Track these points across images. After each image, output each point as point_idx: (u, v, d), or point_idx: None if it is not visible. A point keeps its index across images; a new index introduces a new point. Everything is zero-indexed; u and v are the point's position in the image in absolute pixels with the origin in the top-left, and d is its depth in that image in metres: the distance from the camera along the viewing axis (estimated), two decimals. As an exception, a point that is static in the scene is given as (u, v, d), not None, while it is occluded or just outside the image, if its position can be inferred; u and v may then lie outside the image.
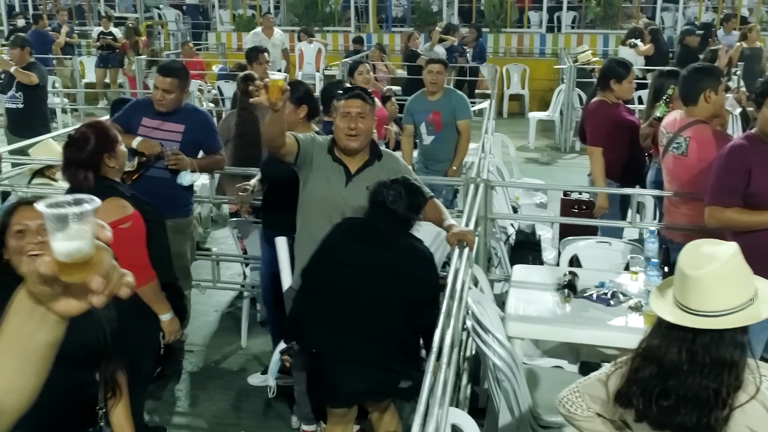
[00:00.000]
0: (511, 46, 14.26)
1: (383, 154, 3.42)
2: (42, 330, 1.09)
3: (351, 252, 3.00)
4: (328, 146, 3.35)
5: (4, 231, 2.24)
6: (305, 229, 3.41)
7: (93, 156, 3.21)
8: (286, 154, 3.28)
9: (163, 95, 4.16)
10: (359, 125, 3.24)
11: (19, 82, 7.25)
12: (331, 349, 2.91)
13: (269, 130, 3.16)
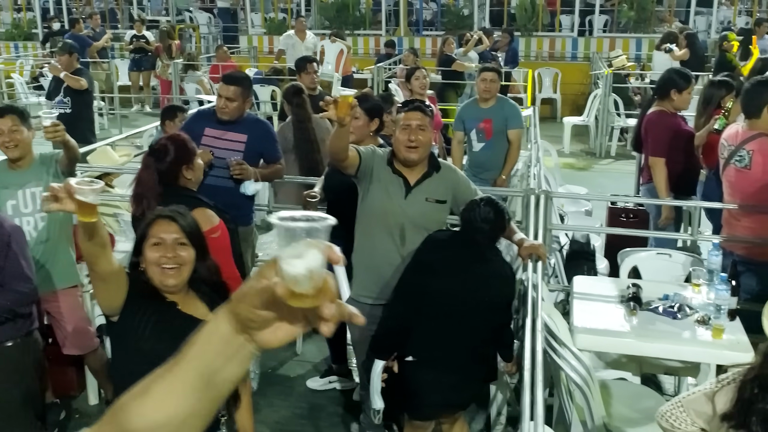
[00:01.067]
0: (543, 50, 14.23)
1: (442, 166, 3.45)
2: (233, 362, 0.98)
3: (448, 263, 3.05)
4: (388, 158, 3.39)
5: (143, 241, 2.34)
6: (365, 241, 3.45)
7: (172, 167, 3.30)
8: (348, 166, 3.33)
9: (226, 103, 4.21)
10: (419, 137, 3.28)
11: (66, 88, 7.38)
12: (428, 358, 2.97)
13: (335, 144, 3.22)
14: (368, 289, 3.44)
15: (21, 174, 3.65)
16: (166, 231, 2.33)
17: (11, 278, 2.98)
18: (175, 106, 6.25)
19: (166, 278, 2.30)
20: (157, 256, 2.30)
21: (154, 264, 2.30)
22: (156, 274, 2.30)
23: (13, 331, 3.03)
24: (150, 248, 2.32)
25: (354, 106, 3.13)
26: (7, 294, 2.97)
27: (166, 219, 2.35)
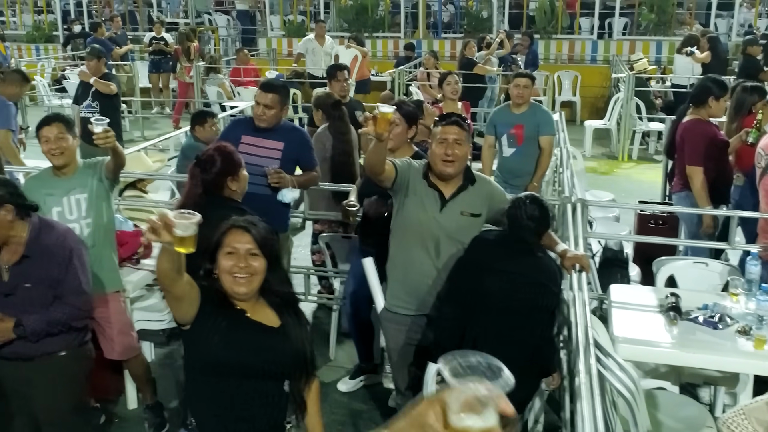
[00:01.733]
0: (562, 52, 14.20)
1: (477, 179, 3.46)
2: None
3: (499, 260, 3.08)
4: (423, 171, 3.41)
5: (217, 250, 2.40)
6: (400, 253, 3.48)
7: (217, 178, 3.34)
8: (384, 179, 3.37)
9: (264, 110, 4.26)
10: (456, 151, 3.30)
11: (95, 92, 7.45)
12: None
13: (372, 159, 3.26)
14: (403, 300, 3.48)
15: (66, 181, 3.70)
16: (239, 241, 2.38)
17: (69, 292, 3.02)
18: (205, 111, 6.30)
19: (238, 287, 2.36)
20: (230, 264, 2.35)
21: (226, 272, 2.36)
22: (228, 282, 2.36)
23: (66, 342, 3.07)
24: (224, 257, 2.37)
25: (393, 122, 3.16)
26: (64, 308, 3.02)
27: (240, 229, 2.41)
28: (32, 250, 3.02)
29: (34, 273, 3.00)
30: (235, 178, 3.38)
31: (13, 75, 6.62)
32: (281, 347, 2.38)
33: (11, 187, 3.05)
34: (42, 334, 2.96)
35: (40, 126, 3.70)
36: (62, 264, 3.02)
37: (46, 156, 3.71)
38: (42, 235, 3.05)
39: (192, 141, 6.03)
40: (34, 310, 2.98)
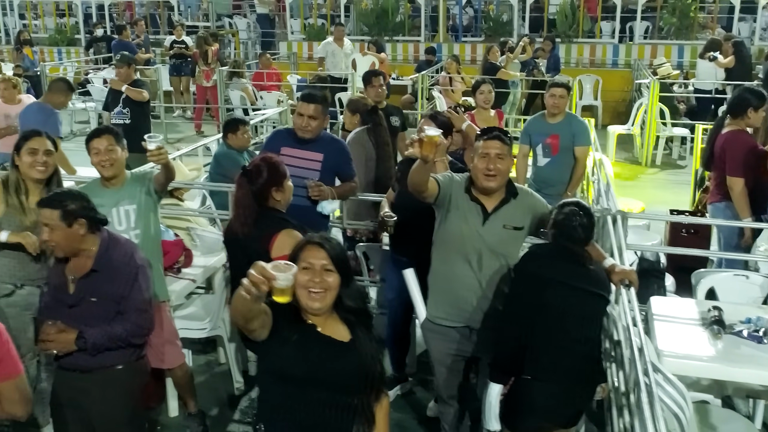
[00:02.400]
0: (583, 56, 14.18)
1: (519, 192, 3.48)
2: None
3: (556, 274, 3.09)
4: (465, 185, 3.44)
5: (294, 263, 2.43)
6: (443, 266, 3.50)
7: (263, 188, 3.38)
8: (428, 196, 3.40)
9: (308, 122, 4.30)
10: (498, 166, 3.32)
11: (125, 99, 7.52)
12: (544, 373, 3.04)
13: (416, 179, 3.30)
14: (446, 311, 3.51)
15: (115, 192, 3.76)
16: (315, 257, 2.43)
17: (132, 309, 3.05)
18: (237, 119, 6.35)
19: (312, 301, 2.41)
20: (306, 279, 2.40)
21: (302, 287, 2.40)
22: (303, 296, 2.41)
23: (124, 357, 3.10)
24: (299, 272, 2.40)
25: (439, 144, 3.19)
26: (126, 324, 3.04)
27: (316, 245, 2.46)
28: (100, 264, 3.05)
29: (100, 288, 3.04)
30: (279, 189, 3.42)
31: (59, 84, 6.70)
32: (350, 362, 2.43)
33: (84, 201, 3.07)
34: (102, 348, 3.00)
35: (90, 138, 3.76)
36: (128, 281, 3.05)
37: (96, 167, 3.77)
38: (110, 250, 3.09)
39: (225, 148, 6.09)
40: (96, 323, 3.01)
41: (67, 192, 3.13)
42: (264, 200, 3.42)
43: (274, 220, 3.38)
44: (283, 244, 3.26)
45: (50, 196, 3.09)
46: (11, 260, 3.66)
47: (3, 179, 3.69)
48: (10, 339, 2.44)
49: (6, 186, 3.65)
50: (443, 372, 3.58)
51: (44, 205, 3.05)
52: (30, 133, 3.78)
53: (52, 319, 3.03)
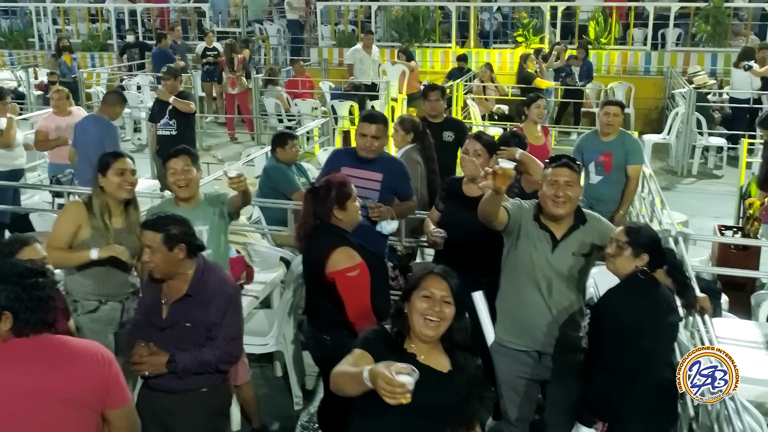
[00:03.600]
0: (615, 63, 14.14)
1: (588, 218, 3.50)
2: None
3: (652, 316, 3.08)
4: (534, 213, 3.48)
5: (413, 290, 2.59)
6: (512, 291, 3.56)
7: (325, 207, 3.51)
8: (497, 225, 3.47)
9: (372, 142, 4.38)
10: (567, 193, 3.36)
11: (171, 110, 7.66)
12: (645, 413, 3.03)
13: (487, 210, 3.38)
14: (515, 335, 3.56)
15: (188, 212, 3.81)
16: (437, 287, 2.56)
17: (223, 337, 3.11)
18: (285, 133, 6.41)
19: (427, 329, 2.53)
20: (425, 307, 2.53)
21: (419, 314, 2.53)
22: (419, 323, 2.54)
23: (210, 380, 3.17)
24: (419, 299, 2.55)
25: (512, 177, 3.25)
26: (216, 351, 3.10)
27: (439, 276, 2.59)
28: (195, 289, 3.12)
29: (193, 313, 3.10)
30: (342, 209, 3.50)
31: (113, 96, 6.85)
32: (447, 392, 2.49)
33: (186, 226, 3.16)
34: (191, 372, 3.07)
35: (168, 158, 3.86)
36: (221, 308, 3.11)
37: (172, 187, 3.86)
38: (205, 276, 3.15)
39: (274, 162, 6.16)
40: (186, 347, 3.08)
41: (171, 216, 3.20)
42: (326, 217, 3.53)
43: (333, 237, 3.48)
44: (338, 260, 3.40)
45: (154, 219, 3.17)
46: (96, 277, 3.77)
47: (85, 202, 3.78)
48: (120, 368, 2.52)
49: (89, 208, 3.74)
50: (510, 394, 3.63)
51: (148, 227, 3.13)
52: (115, 154, 3.89)
53: (143, 339, 3.12)
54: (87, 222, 3.71)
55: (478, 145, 4.19)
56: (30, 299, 2.34)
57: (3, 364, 2.34)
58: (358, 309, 3.42)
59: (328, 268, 3.42)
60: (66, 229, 3.72)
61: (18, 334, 2.36)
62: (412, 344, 2.58)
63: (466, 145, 4.26)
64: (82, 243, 3.69)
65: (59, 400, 2.35)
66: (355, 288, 3.41)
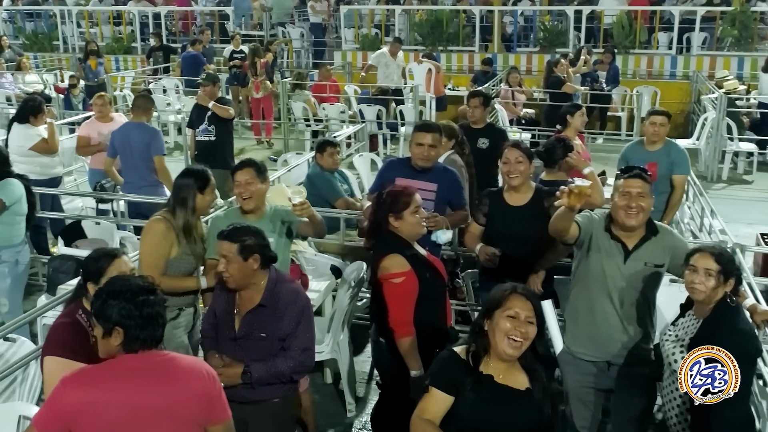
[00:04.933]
0: (640, 67, 14.12)
1: (659, 229, 3.53)
2: None
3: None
4: (605, 224, 3.51)
5: (495, 308, 2.62)
6: (583, 302, 3.60)
7: (382, 214, 3.58)
8: (569, 239, 3.52)
9: (428, 151, 4.43)
10: (640, 203, 3.39)
11: (210, 116, 7.70)
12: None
13: (560, 226, 3.44)
14: (585, 346, 3.60)
15: (253, 223, 3.87)
16: (522, 307, 2.60)
17: (297, 347, 3.16)
18: (326, 141, 6.46)
19: (510, 349, 2.57)
20: (509, 327, 2.57)
21: (503, 333, 2.57)
22: (502, 342, 2.57)
23: (282, 391, 3.22)
24: (503, 318, 2.59)
25: (587, 195, 3.30)
26: (289, 361, 3.15)
27: (523, 296, 2.63)
28: (268, 300, 3.17)
29: (267, 323, 3.14)
30: (398, 217, 3.54)
31: (142, 100, 6.87)
32: (526, 409, 2.53)
33: (260, 237, 3.22)
34: (264, 382, 3.11)
35: (234, 170, 3.92)
36: (294, 319, 3.16)
37: (237, 199, 3.92)
38: (278, 287, 3.20)
39: (317, 169, 6.21)
40: (259, 357, 3.12)
41: (246, 227, 3.26)
42: (385, 224, 3.59)
43: (387, 244, 3.56)
44: (386, 266, 3.48)
45: (230, 231, 3.22)
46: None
47: (164, 218, 3.83)
48: (221, 385, 2.57)
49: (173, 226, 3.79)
50: (577, 403, 3.66)
51: (224, 238, 3.18)
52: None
53: (215, 350, 3.17)
54: (175, 241, 3.77)
55: (518, 153, 4.23)
56: (141, 316, 2.40)
57: (114, 380, 2.39)
58: (397, 317, 3.47)
59: (379, 273, 3.51)
60: (161, 252, 3.76)
61: (128, 350, 2.42)
62: (490, 363, 2.60)
63: (505, 154, 4.27)
64: (169, 262, 3.76)
65: (168, 417, 2.40)
66: (396, 295, 3.46)
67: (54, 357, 2.79)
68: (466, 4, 16.21)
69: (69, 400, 2.35)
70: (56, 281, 5.06)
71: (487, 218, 4.33)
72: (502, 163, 4.23)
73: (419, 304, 3.47)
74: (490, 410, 2.50)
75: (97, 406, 2.33)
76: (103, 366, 2.45)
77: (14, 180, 4.99)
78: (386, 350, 3.55)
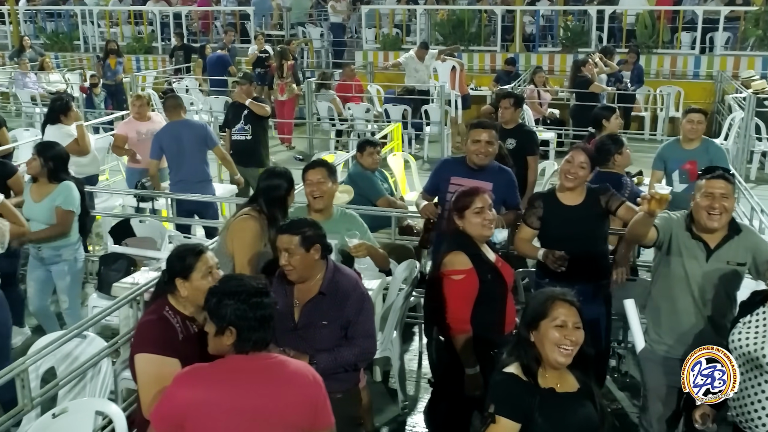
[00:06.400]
0: (664, 67, 14.10)
1: (742, 229, 3.55)
2: None
3: None
4: (686, 224, 3.55)
5: (540, 318, 2.58)
6: (665, 301, 3.64)
7: (449, 212, 3.68)
8: (648, 242, 3.59)
9: (486, 147, 4.46)
10: (723, 204, 3.41)
11: (246, 116, 7.75)
12: None
13: (639, 231, 3.51)
14: (667, 344, 3.65)
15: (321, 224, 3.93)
16: (568, 314, 2.56)
17: (361, 335, 3.20)
18: (367, 141, 6.48)
19: (562, 357, 2.53)
20: (559, 337, 2.53)
21: (553, 343, 2.52)
22: (553, 352, 2.53)
23: (345, 385, 3.25)
24: (552, 328, 2.54)
25: (668, 201, 3.36)
26: (354, 349, 3.19)
27: (568, 303, 2.58)
28: (328, 288, 3.21)
29: (329, 312, 3.18)
30: (460, 217, 3.58)
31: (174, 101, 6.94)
32: (586, 408, 2.56)
33: (318, 228, 3.27)
34: (330, 372, 3.10)
35: (306, 169, 3.96)
36: (356, 306, 3.20)
37: (307, 198, 3.97)
38: (336, 276, 3.25)
39: (359, 169, 6.24)
40: (321, 347, 3.14)
41: (303, 220, 3.32)
42: (452, 223, 3.66)
43: (453, 242, 3.61)
44: (448, 262, 3.53)
45: (290, 224, 3.27)
46: None
47: (254, 215, 3.88)
48: (326, 391, 2.57)
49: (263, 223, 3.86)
50: (656, 402, 3.69)
51: (285, 231, 3.22)
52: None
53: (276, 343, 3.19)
54: (262, 236, 3.84)
55: (583, 157, 4.19)
56: (254, 318, 2.41)
57: (225, 380, 2.40)
58: (454, 314, 3.50)
59: (441, 268, 3.55)
60: (257, 249, 3.82)
61: (239, 351, 2.43)
62: (546, 374, 2.57)
63: (571, 154, 4.23)
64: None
65: (276, 422, 2.40)
66: (455, 292, 3.49)
67: (145, 354, 2.81)
68: (486, 3, 16.21)
69: (181, 398, 2.37)
70: (108, 279, 5.12)
71: (541, 221, 4.30)
72: (565, 162, 4.21)
73: (477, 305, 3.50)
74: (562, 427, 2.52)
75: (207, 407, 2.35)
76: (214, 365, 2.46)
77: (70, 183, 5.05)
78: (443, 348, 3.58)
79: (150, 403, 2.76)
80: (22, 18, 19.38)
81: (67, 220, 4.97)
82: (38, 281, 5.15)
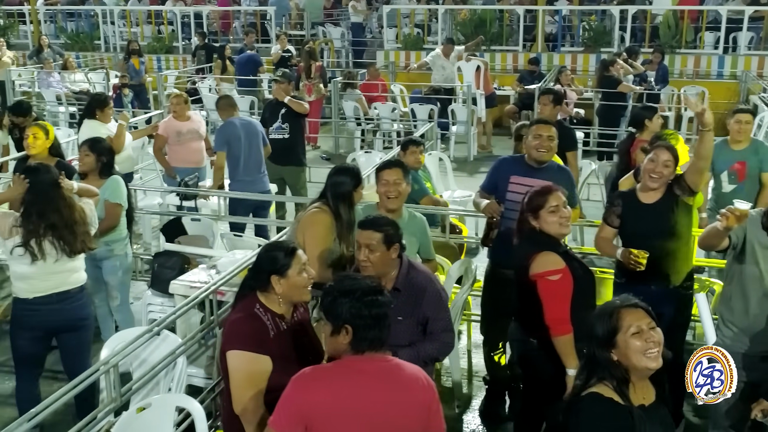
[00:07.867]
0: (687, 67, 14.09)
1: None
2: None
3: None
4: (762, 221, 3.56)
5: (614, 335, 2.49)
6: (739, 299, 3.67)
7: (522, 213, 3.68)
8: (720, 247, 3.64)
9: (548, 142, 4.48)
10: None
11: (284, 114, 7.76)
12: None
13: (714, 242, 3.62)
14: (741, 340, 3.68)
15: None
16: (638, 318, 2.47)
17: (441, 329, 3.26)
18: (411, 140, 6.49)
19: (651, 362, 2.45)
20: (640, 344, 2.44)
21: (639, 353, 2.43)
22: (641, 361, 2.44)
23: None
24: (631, 338, 2.45)
25: (747, 217, 3.44)
26: (435, 343, 3.25)
27: (632, 308, 2.50)
28: (403, 285, 3.26)
29: (405, 307, 3.22)
30: (535, 217, 3.60)
31: (227, 101, 7.02)
32: (667, 417, 2.56)
33: (397, 228, 3.31)
34: None
35: (381, 168, 4.00)
36: (433, 302, 3.25)
37: (381, 197, 3.99)
38: (411, 273, 3.30)
39: (403, 168, 6.27)
40: (397, 342, 3.12)
41: (383, 218, 3.37)
42: (527, 223, 3.65)
43: (536, 243, 3.59)
44: (541, 262, 3.49)
45: (372, 220, 3.31)
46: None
47: (326, 210, 3.93)
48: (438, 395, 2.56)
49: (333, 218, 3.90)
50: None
51: (368, 227, 3.26)
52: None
53: None
54: (330, 234, 3.88)
55: (668, 156, 4.07)
56: (370, 316, 2.42)
57: (342, 382, 2.39)
58: (555, 314, 3.47)
59: (532, 270, 3.51)
60: (328, 244, 3.86)
61: (355, 350, 2.43)
62: (636, 391, 2.50)
63: (656, 152, 4.12)
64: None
65: (392, 426, 2.39)
66: (554, 293, 3.47)
67: (237, 351, 2.84)
68: (506, 3, 16.21)
69: (300, 400, 2.37)
70: (162, 276, 5.16)
71: (621, 219, 4.25)
72: (649, 160, 4.11)
73: (573, 302, 3.48)
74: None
75: (326, 409, 2.34)
76: (333, 367, 2.46)
77: (118, 177, 5.10)
78: (536, 349, 3.56)
79: (244, 400, 2.80)
80: (42, 18, 19.45)
81: (116, 213, 4.99)
82: (91, 279, 5.17)
